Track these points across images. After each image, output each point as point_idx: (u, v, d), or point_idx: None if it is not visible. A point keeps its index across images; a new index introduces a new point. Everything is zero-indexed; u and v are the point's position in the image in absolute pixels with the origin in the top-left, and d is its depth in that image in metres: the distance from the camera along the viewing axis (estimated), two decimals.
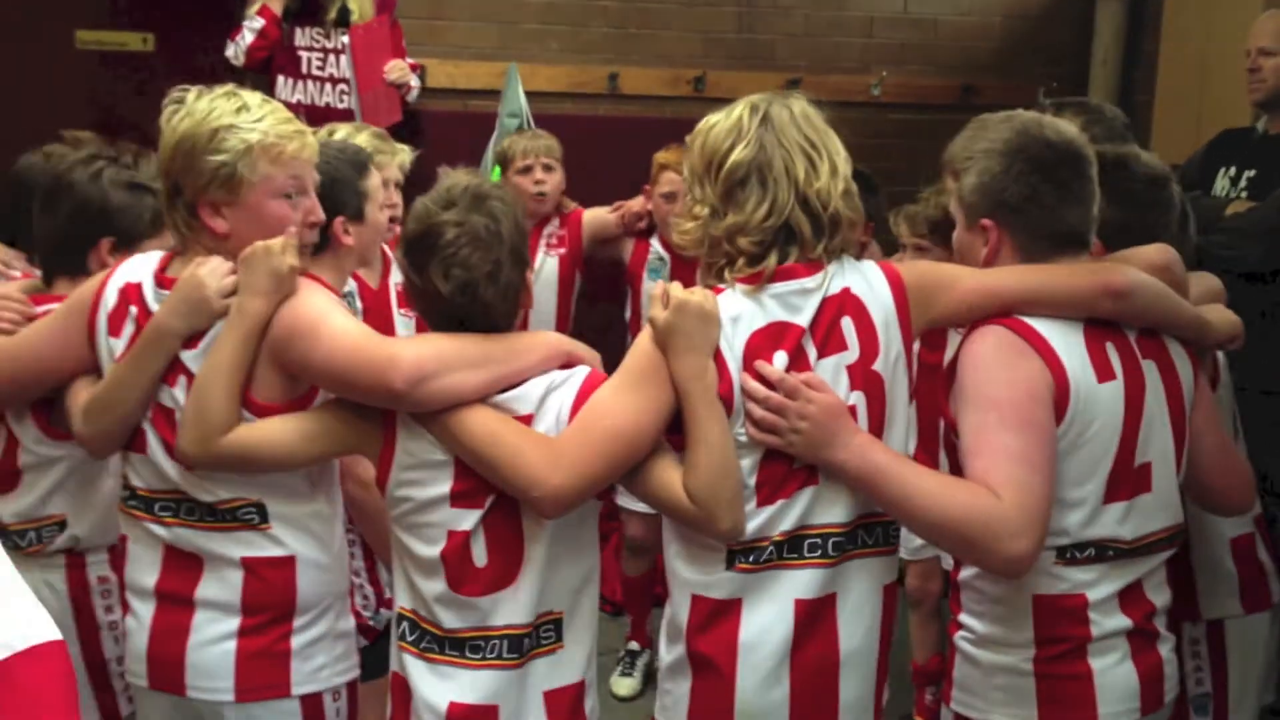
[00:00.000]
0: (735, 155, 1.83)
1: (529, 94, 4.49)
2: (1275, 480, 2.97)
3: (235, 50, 4.10)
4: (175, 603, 1.99)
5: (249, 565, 1.97)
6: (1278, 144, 3.29)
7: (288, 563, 1.98)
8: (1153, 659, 1.91)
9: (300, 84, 4.26)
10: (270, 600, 1.98)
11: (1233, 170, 3.35)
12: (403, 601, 1.94)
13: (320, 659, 2.02)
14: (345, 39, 4.19)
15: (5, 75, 4.73)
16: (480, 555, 1.86)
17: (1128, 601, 1.89)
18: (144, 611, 2.01)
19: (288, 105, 4.08)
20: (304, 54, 4.23)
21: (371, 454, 1.91)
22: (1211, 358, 2.20)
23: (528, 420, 1.86)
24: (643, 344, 1.84)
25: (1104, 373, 1.85)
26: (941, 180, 3.04)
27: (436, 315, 1.90)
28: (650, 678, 3.73)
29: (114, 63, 4.90)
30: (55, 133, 2.36)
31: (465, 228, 1.84)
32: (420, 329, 2.95)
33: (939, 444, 2.08)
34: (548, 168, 3.63)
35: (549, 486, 1.77)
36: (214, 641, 1.97)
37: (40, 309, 2.16)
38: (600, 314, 3.84)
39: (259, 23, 4.09)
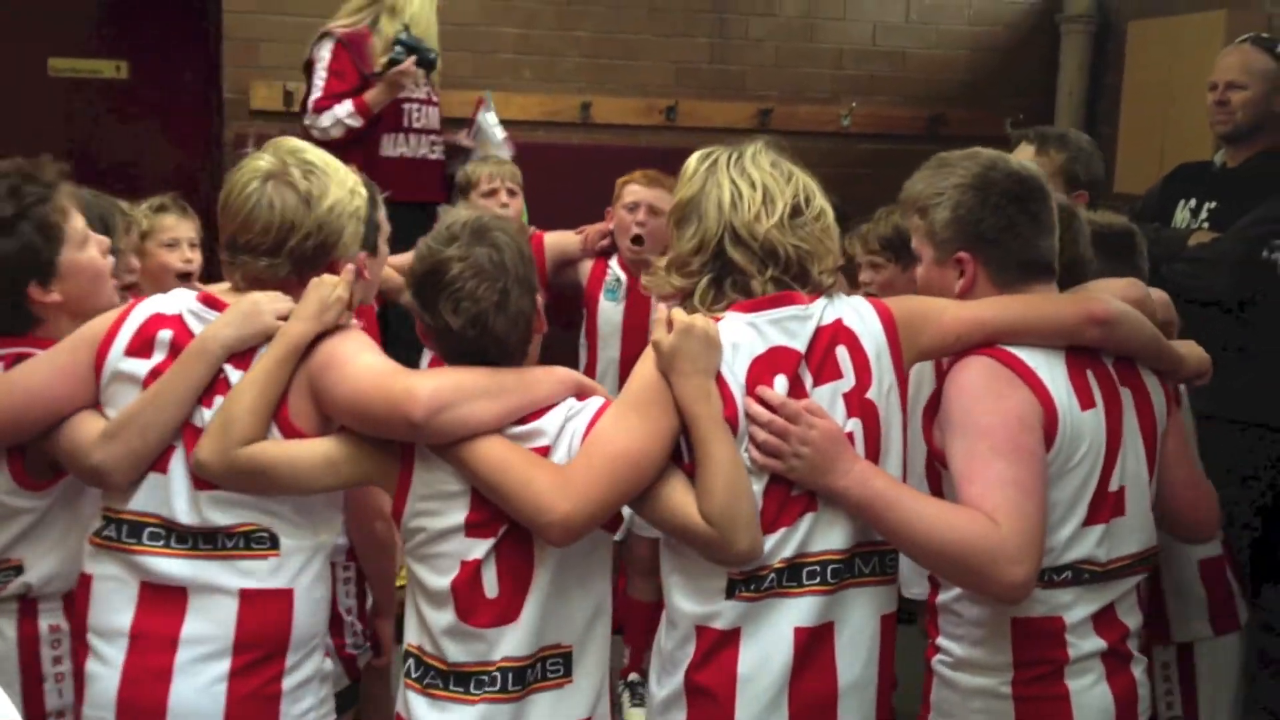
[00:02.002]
0: (678, 195, 1.93)
1: (502, 122, 4.52)
2: (1238, 506, 3.02)
3: (320, 130, 4.03)
4: (154, 643, 1.91)
5: (247, 596, 1.92)
6: (1238, 176, 3.34)
7: (286, 595, 1.94)
8: (1127, 680, 1.94)
9: (403, 137, 4.24)
10: (265, 636, 1.93)
11: (1193, 202, 3.40)
12: (411, 638, 1.92)
13: (308, 700, 1.98)
14: (428, 88, 4.19)
15: None
16: (491, 586, 1.86)
17: (1101, 623, 1.91)
18: (112, 654, 1.92)
19: (389, 161, 3.99)
20: (405, 106, 4.21)
21: (389, 485, 1.91)
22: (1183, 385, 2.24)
23: (546, 451, 1.87)
24: (645, 369, 1.85)
25: (1086, 400, 1.89)
26: (903, 216, 3.12)
27: (451, 350, 1.91)
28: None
29: (87, 90, 4.89)
30: (28, 160, 2.35)
31: (469, 261, 1.86)
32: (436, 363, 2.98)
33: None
34: (511, 193, 3.65)
35: (557, 514, 1.77)
36: (201, 683, 1.90)
37: (5, 350, 2.07)
38: (556, 339, 3.85)
39: (357, 121, 4.04)
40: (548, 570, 1.86)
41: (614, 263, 3.63)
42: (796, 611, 1.83)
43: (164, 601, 1.92)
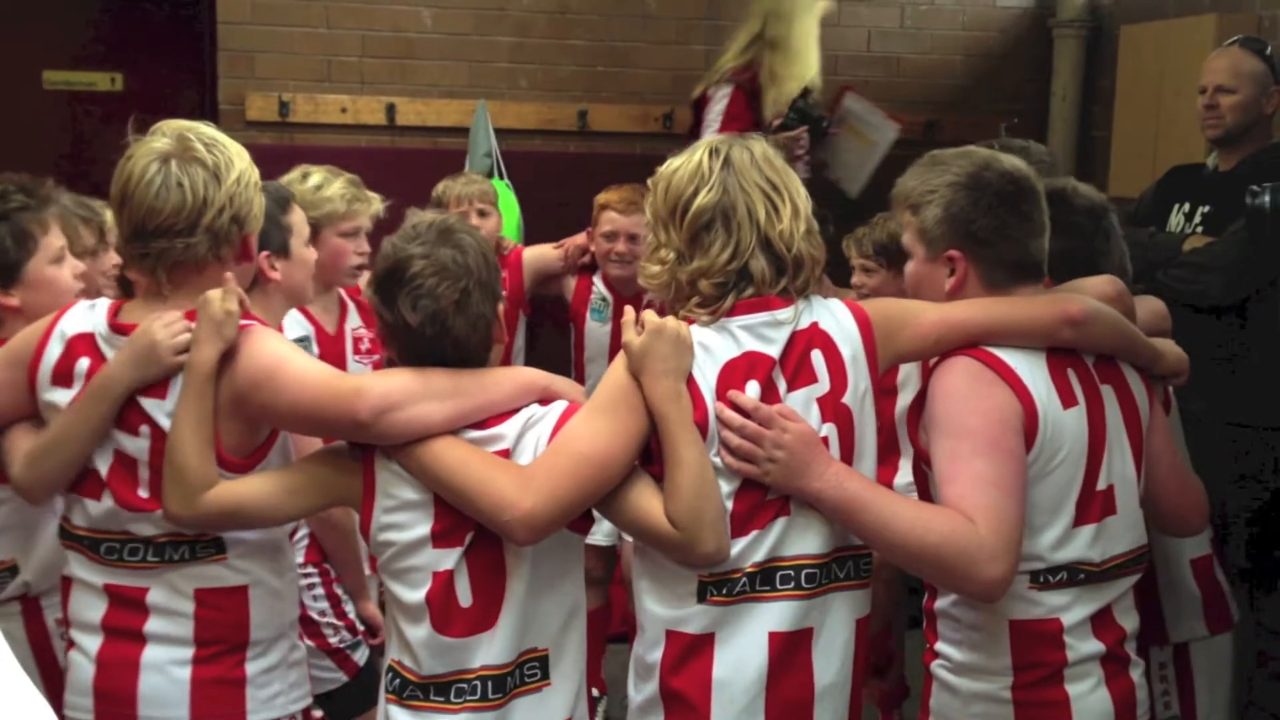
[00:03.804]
0: (700, 200, 1.86)
1: (498, 131, 4.53)
2: (1234, 508, 3.03)
3: None
4: (124, 636, 1.97)
5: (201, 597, 1.95)
6: (1231, 180, 3.33)
7: (240, 591, 1.97)
8: (1125, 684, 1.94)
9: (796, 165, 4.29)
10: (224, 631, 1.96)
11: (1186, 206, 3.41)
12: (392, 653, 1.94)
13: (275, 686, 2.01)
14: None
15: None
16: (465, 595, 1.86)
17: (1099, 626, 1.92)
18: (90, 645, 1.98)
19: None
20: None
21: (354, 503, 1.92)
22: (1164, 385, 2.25)
23: (506, 455, 1.87)
24: (615, 371, 1.86)
25: (1067, 399, 1.90)
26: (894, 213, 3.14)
27: (408, 351, 1.90)
28: None
29: (82, 103, 4.91)
30: (24, 173, 2.37)
31: (431, 259, 1.85)
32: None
33: (894, 459, 2.11)
34: (482, 213, 3.56)
35: (520, 510, 1.77)
36: (166, 669, 1.95)
37: None
38: (550, 352, 3.86)
39: None
40: (520, 575, 1.86)
41: (598, 280, 3.61)
42: (771, 616, 1.84)
43: (128, 601, 1.97)
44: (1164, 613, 2.34)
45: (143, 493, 1.94)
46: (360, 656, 2.62)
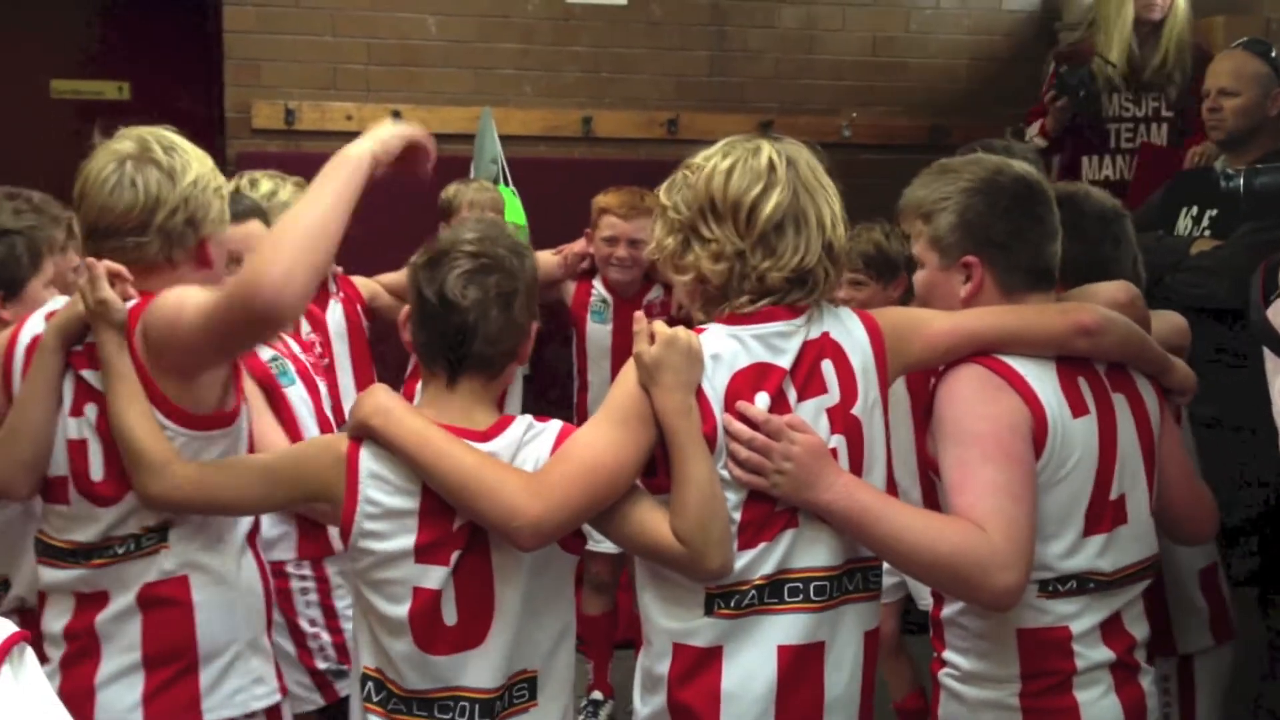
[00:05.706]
0: (774, 199, 1.82)
1: (503, 138, 4.53)
2: (1240, 513, 3.01)
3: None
4: (81, 639, 1.96)
5: (144, 597, 1.93)
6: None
7: (181, 583, 1.94)
8: (1135, 692, 1.93)
9: (1109, 159, 4.08)
10: (171, 637, 1.93)
11: (1194, 210, 3.40)
12: (367, 661, 1.90)
13: (234, 682, 1.98)
14: (1155, 105, 4.02)
15: None
16: (450, 614, 1.84)
17: (1109, 634, 1.91)
18: (57, 656, 1.97)
19: (1095, 183, 3.62)
20: (1112, 126, 4.08)
21: (335, 501, 1.88)
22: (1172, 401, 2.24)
23: None
24: (627, 381, 1.83)
25: (1078, 408, 1.89)
26: (880, 221, 3.13)
27: (437, 336, 1.87)
28: None
29: (90, 112, 4.90)
30: (31, 183, 2.37)
31: (487, 250, 1.86)
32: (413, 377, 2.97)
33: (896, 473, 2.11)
34: None
35: (530, 516, 1.75)
36: (119, 676, 1.93)
37: None
38: (554, 357, 3.87)
39: (1042, 142, 4.01)
40: (512, 598, 1.84)
41: (598, 283, 3.62)
42: (780, 629, 1.82)
43: (90, 603, 1.96)
44: (1172, 624, 2.33)
45: (96, 475, 1.93)
46: (342, 687, 2.51)
